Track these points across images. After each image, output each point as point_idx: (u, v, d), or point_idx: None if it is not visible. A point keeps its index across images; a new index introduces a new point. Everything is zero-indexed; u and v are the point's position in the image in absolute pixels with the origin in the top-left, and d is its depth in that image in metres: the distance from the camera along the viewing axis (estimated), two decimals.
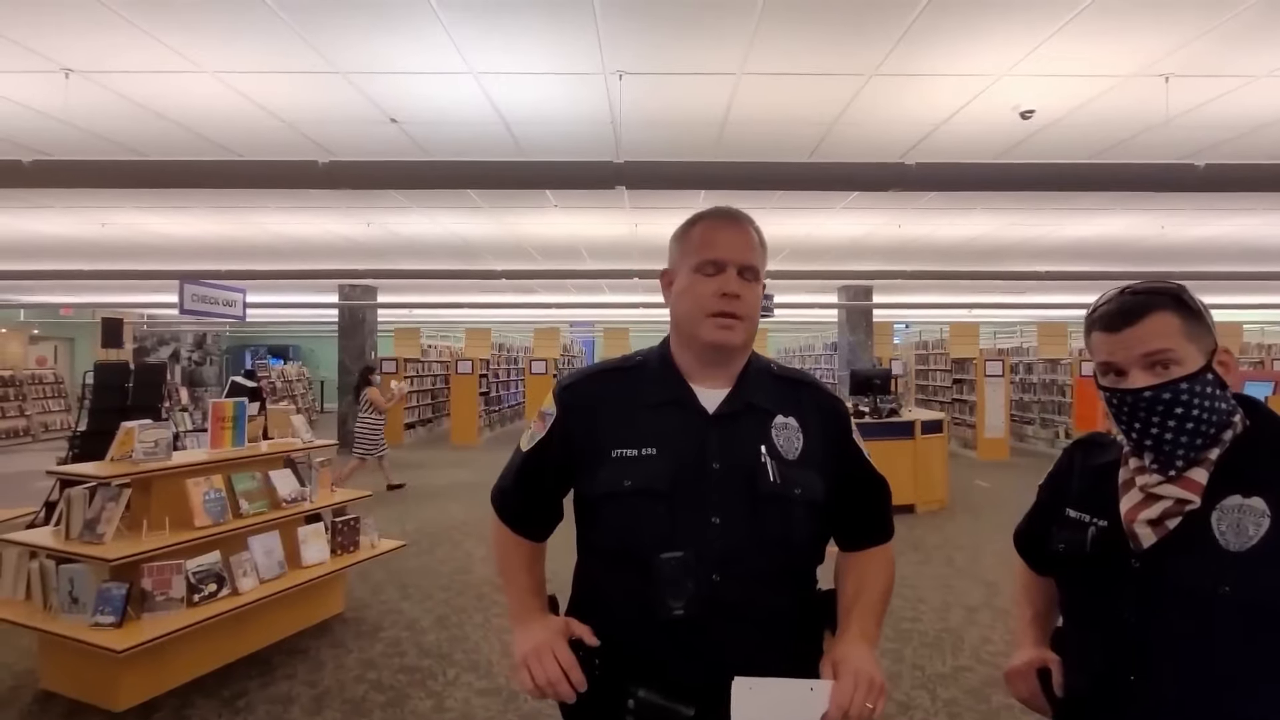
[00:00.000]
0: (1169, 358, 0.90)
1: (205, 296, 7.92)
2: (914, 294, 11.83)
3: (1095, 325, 0.97)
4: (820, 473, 1.07)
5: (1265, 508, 0.86)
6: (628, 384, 1.11)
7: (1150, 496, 0.94)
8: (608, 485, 1.02)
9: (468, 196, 5.59)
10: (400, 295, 12.02)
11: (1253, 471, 0.90)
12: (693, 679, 0.98)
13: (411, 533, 5.76)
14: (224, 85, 3.42)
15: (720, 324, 1.03)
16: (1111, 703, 0.95)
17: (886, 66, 3.19)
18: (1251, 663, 0.86)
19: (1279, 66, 3.15)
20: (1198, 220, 6.39)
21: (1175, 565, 0.90)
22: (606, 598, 1.06)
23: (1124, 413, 0.93)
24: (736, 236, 1.06)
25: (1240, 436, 0.93)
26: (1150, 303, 0.92)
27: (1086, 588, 1.01)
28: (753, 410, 1.07)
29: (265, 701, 2.98)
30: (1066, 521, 1.04)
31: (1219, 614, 0.86)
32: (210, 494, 3.30)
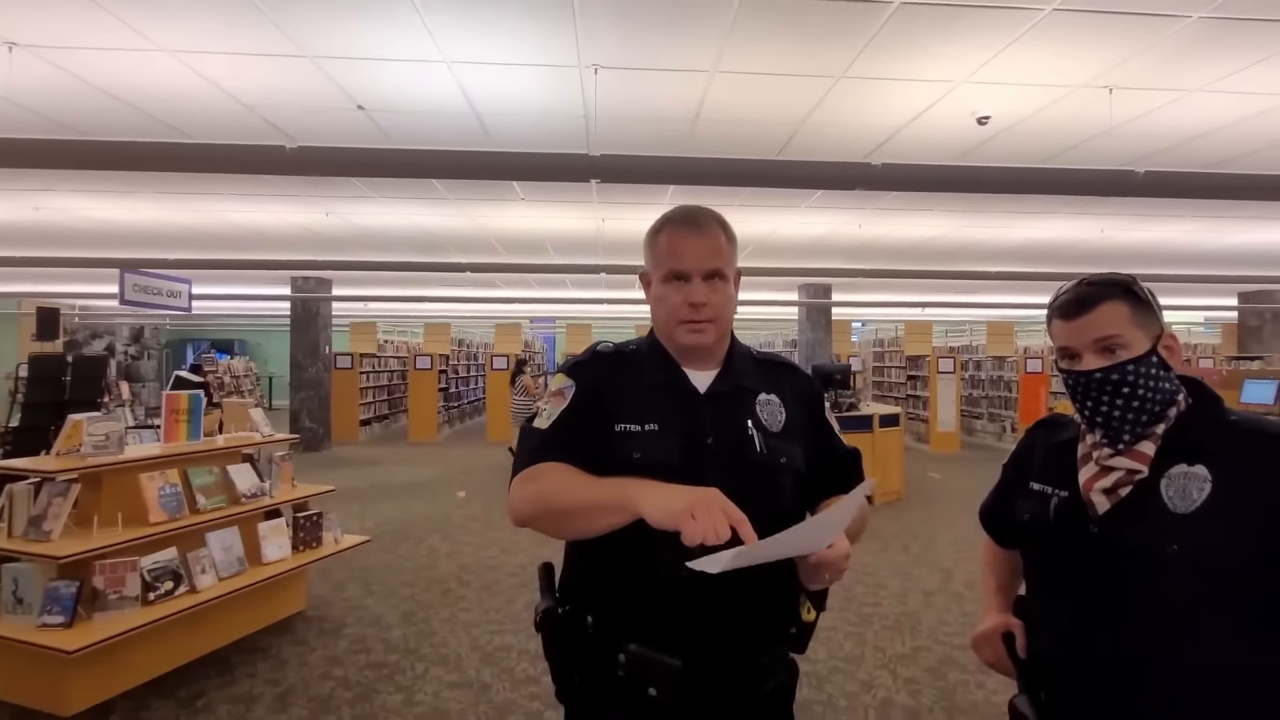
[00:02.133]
0: (1117, 342, 1.00)
1: (148, 287, 7.55)
2: (872, 292, 12.17)
3: (1055, 313, 1.07)
4: (802, 443, 1.16)
5: (1207, 474, 0.95)
6: (627, 366, 1.17)
7: (1104, 468, 1.03)
8: (615, 458, 1.06)
9: (432, 187, 5.50)
10: (356, 288, 11.71)
11: (1195, 443, 0.98)
12: (684, 638, 1.04)
13: (372, 529, 5.64)
14: (183, 66, 3.28)
15: (691, 329, 1.10)
16: (1076, 661, 1.03)
17: (854, 70, 3.29)
18: (1202, 614, 0.93)
19: (1211, 82, 3.38)
20: (1134, 225, 6.78)
21: (1129, 529, 0.99)
22: (606, 564, 1.09)
23: (1078, 392, 1.03)
24: (699, 244, 1.10)
25: (1184, 412, 1.02)
26: (1102, 293, 1.02)
27: (1050, 555, 1.09)
28: (740, 390, 1.15)
29: (226, 701, 2.90)
30: (1030, 494, 1.12)
31: (1170, 571, 0.94)
32: (165, 489, 3.18)
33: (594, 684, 1.08)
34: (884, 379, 13.45)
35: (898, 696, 3.00)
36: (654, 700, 1.02)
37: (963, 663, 3.31)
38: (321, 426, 10.74)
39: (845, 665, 3.29)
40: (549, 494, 1.04)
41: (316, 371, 10.75)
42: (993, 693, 3.01)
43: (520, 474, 1.10)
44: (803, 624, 1.13)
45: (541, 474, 1.07)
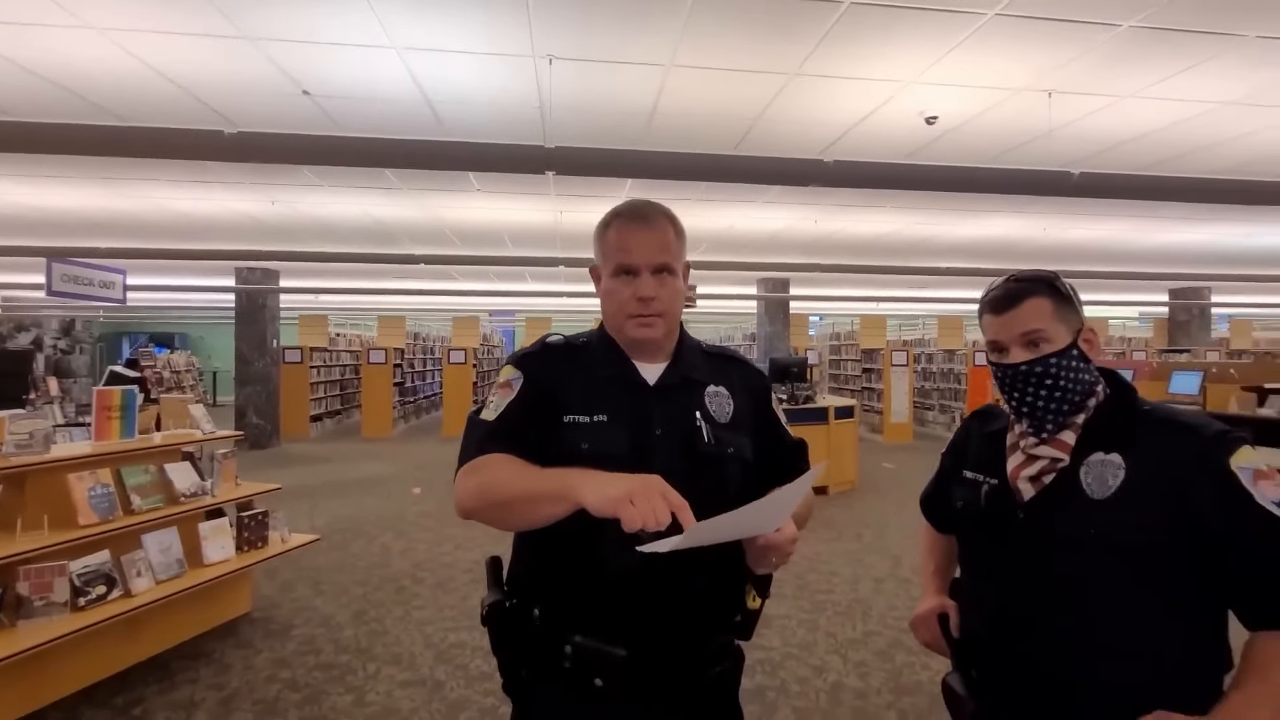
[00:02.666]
0: (1041, 336, 1.04)
1: (77, 277, 7.15)
2: (828, 287, 12.41)
3: (985, 308, 1.11)
4: (748, 435, 1.18)
5: (1121, 461, 1.00)
6: (577, 358, 1.17)
7: (1030, 457, 1.08)
8: (563, 449, 1.06)
9: (383, 176, 5.35)
10: (305, 280, 11.34)
11: (1112, 432, 1.04)
12: (629, 628, 1.05)
13: (322, 528, 5.50)
14: (113, 45, 3.10)
15: (640, 323, 1.11)
16: (1004, 640, 1.08)
17: (807, 68, 3.34)
18: (1118, 594, 0.98)
19: (1142, 88, 3.54)
20: (1073, 224, 7.08)
21: (1051, 515, 1.03)
22: (553, 556, 1.09)
23: (1005, 384, 1.08)
24: (648, 238, 1.11)
25: (1102, 403, 1.07)
26: (1028, 289, 1.07)
27: (981, 540, 1.14)
28: (689, 382, 1.16)
29: (165, 708, 2.79)
30: (964, 482, 1.18)
31: (1088, 554, 0.99)
32: (96, 489, 3.03)
33: (541, 676, 1.09)
34: (840, 371, 13.75)
35: (848, 679, 3.08)
36: (600, 690, 1.03)
37: (910, 645, 3.42)
38: (269, 423, 10.39)
39: (798, 651, 3.37)
40: (492, 485, 1.03)
41: (264, 366, 10.38)
42: (937, 673, 3.10)
43: (465, 466, 1.09)
44: (748, 611, 1.15)
45: (485, 465, 1.06)
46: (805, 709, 2.83)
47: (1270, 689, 0.90)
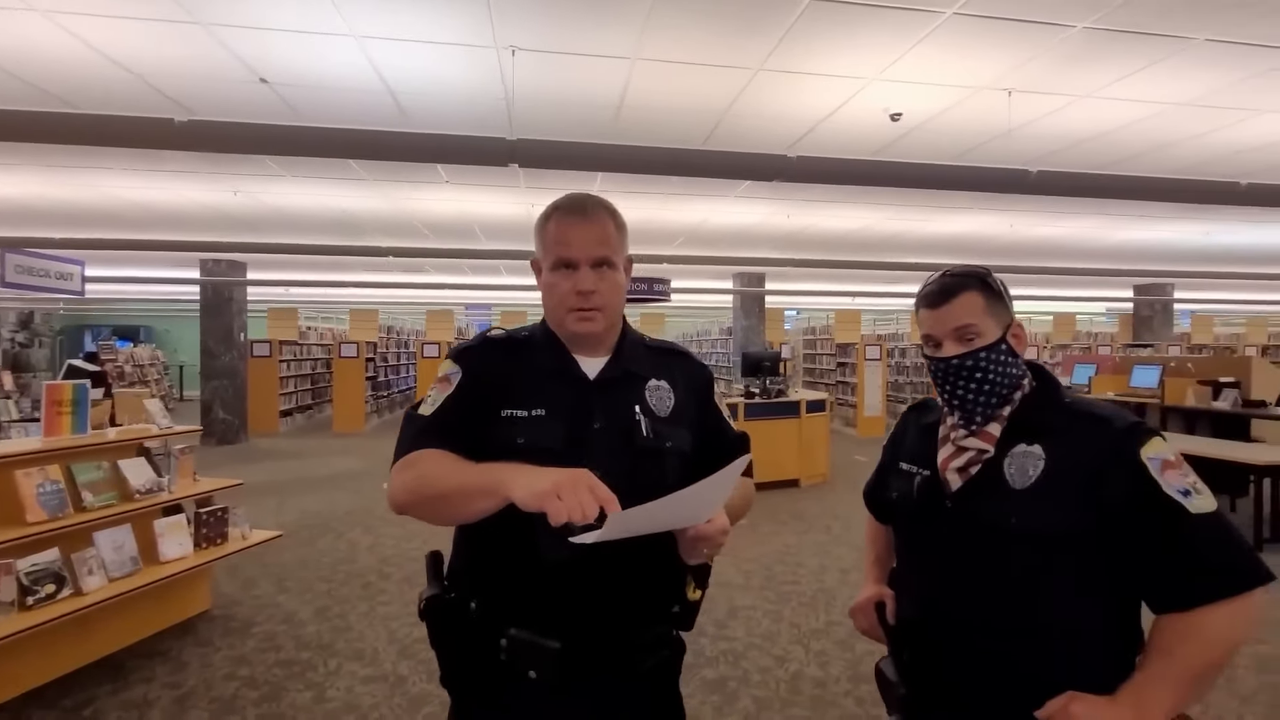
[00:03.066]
0: (973, 331, 1.07)
1: (32, 268, 6.94)
2: (804, 282, 12.51)
3: (921, 303, 1.13)
4: (689, 428, 1.19)
5: (1042, 452, 1.03)
6: (517, 352, 1.17)
7: (959, 448, 1.11)
8: (499, 443, 1.06)
9: (348, 166, 5.26)
10: (273, 272, 11.12)
11: (1035, 424, 1.07)
12: (564, 620, 1.05)
13: (290, 524, 5.42)
14: (58, 27, 3.00)
15: (580, 317, 1.11)
16: (933, 626, 1.11)
17: (771, 63, 3.35)
18: (1038, 580, 1.01)
19: (1099, 88, 3.62)
20: (1039, 222, 7.22)
21: (976, 504, 1.07)
22: (492, 548, 1.09)
23: (938, 377, 1.11)
24: (587, 232, 1.11)
25: (1027, 396, 1.10)
26: (961, 284, 1.09)
27: (914, 529, 1.18)
28: (629, 376, 1.17)
29: (117, 708, 2.73)
30: (900, 473, 1.21)
31: (1010, 542, 1.02)
32: (45, 486, 2.95)
33: (479, 669, 1.09)
34: (815, 365, 13.88)
35: (808, 669, 3.12)
36: (535, 682, 1.04)
37: None
38: (237, 418, 10.19)
39: (761, 642, 3.41)
40: (424, 480, 1.03)
41: (230, 360, 10.17)
42: None
43: (399, 462, 1.08)
44: (687, 603, 1.15)
45: (418, 460, 1.06)
46: (765, 698, 2.86)
47: (1172, 668, 0.94)
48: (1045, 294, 13.47)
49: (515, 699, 1.07)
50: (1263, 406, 6.11)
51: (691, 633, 1.34)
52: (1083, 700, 0.94)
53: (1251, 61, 3.26)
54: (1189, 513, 0.94)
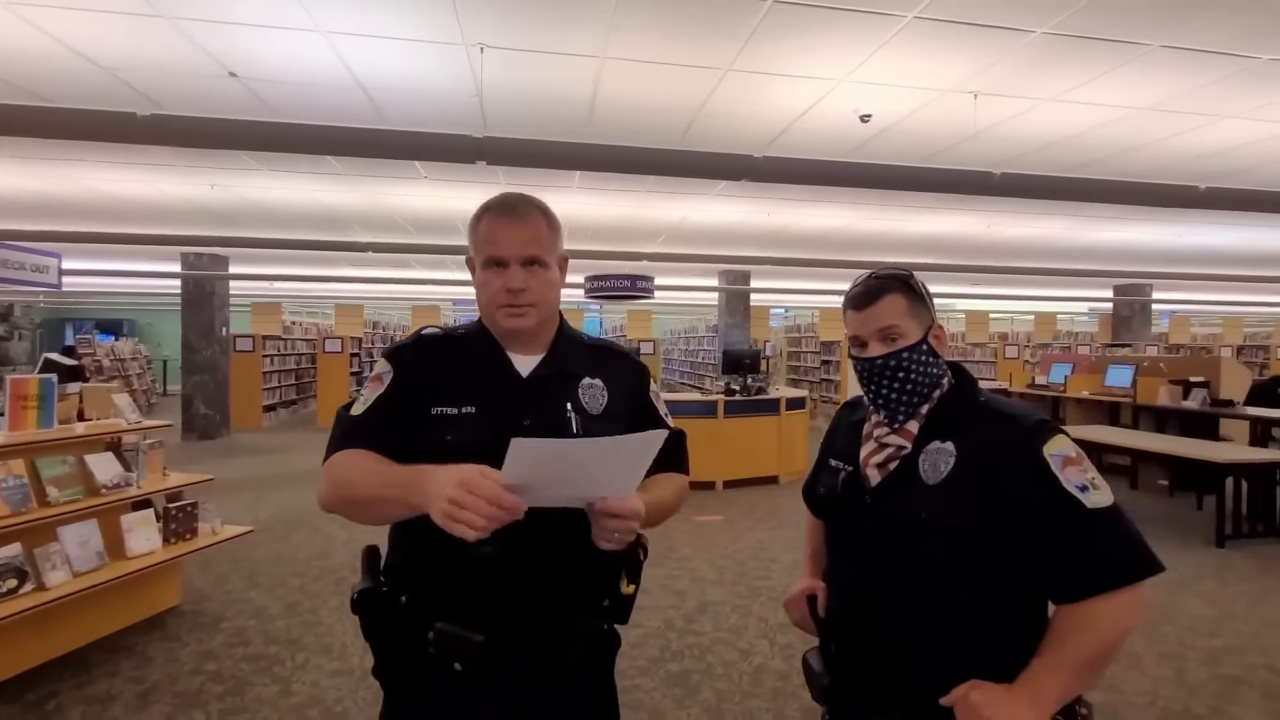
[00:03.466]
0: (897, 332, 1.11)
1: (7, 260, 6.84)
2: (788, 280, 12.57)
3: (848, 304, 1.16)
4: (621, 425, 1.18)
5: (954, 448, 1.07)
6: (451, 351, 1.18)
7: (880, 445, 1.14)
8: (429, 440, 1.08)
9: (326, 162, 5.25)
10: (256, 266, 11.05)
11: (949, 421, 1.11)
12: (490, 613, 1.07)
13: (265, 520, 5.41)
14: (19, 19, 2.98)
15: (510, 313, 1.13)
16: (853, 616, 1.15)
17: (740, 64, 3.38)
18: (943, 572, 1.05)
19: (1062, 93, 3.67)
20: (1016, 222, 7.30)
21: (893, 499, 1.10)
22: (423, 543, 1.10)
23: (864, 376, 1.14)
24: (517, 232, 1.13)
25: (945, 394, 1.14)
26: (885, 286, 1.12)
27: (838, 523, 1.21)
28: (563, 374, 1.18)
29: (79, 702, 2.74)
30: (828, 469, 1.24)
31: (921, 535, 1.05)
32: (9, 481, 2.94)
33: (409, 661, 1.11)
34: (800, 363, 13.96)
35: (772, 662, 3.17)
36: (461, 674, 1.06)
37: None
38: (218, 413, 10.13)
39: (728, 636, 3.45)
40: (346, 484, 1.05)
41: (212, 354, 10.11)
42: None
43: (326, 462, 1.10)
44: (620, 596, 1.18)
45: (341, 463, 1.08)
46: (727, 690, 2.90)
47: (1065, 656, 0.98)
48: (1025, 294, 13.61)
49: (443, 691, 1.09)
50: (1230, 406, 6.23)
51: (659, 626, 1.37)
52: (981, 688, 0.98)
53: (1207, 68, 3.33)
54: (1085, 507, 0.98)
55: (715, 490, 6.81)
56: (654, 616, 3.55)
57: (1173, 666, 3.07)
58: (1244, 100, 3.69)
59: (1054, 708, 0.97)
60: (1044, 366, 8.42)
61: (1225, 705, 2.75)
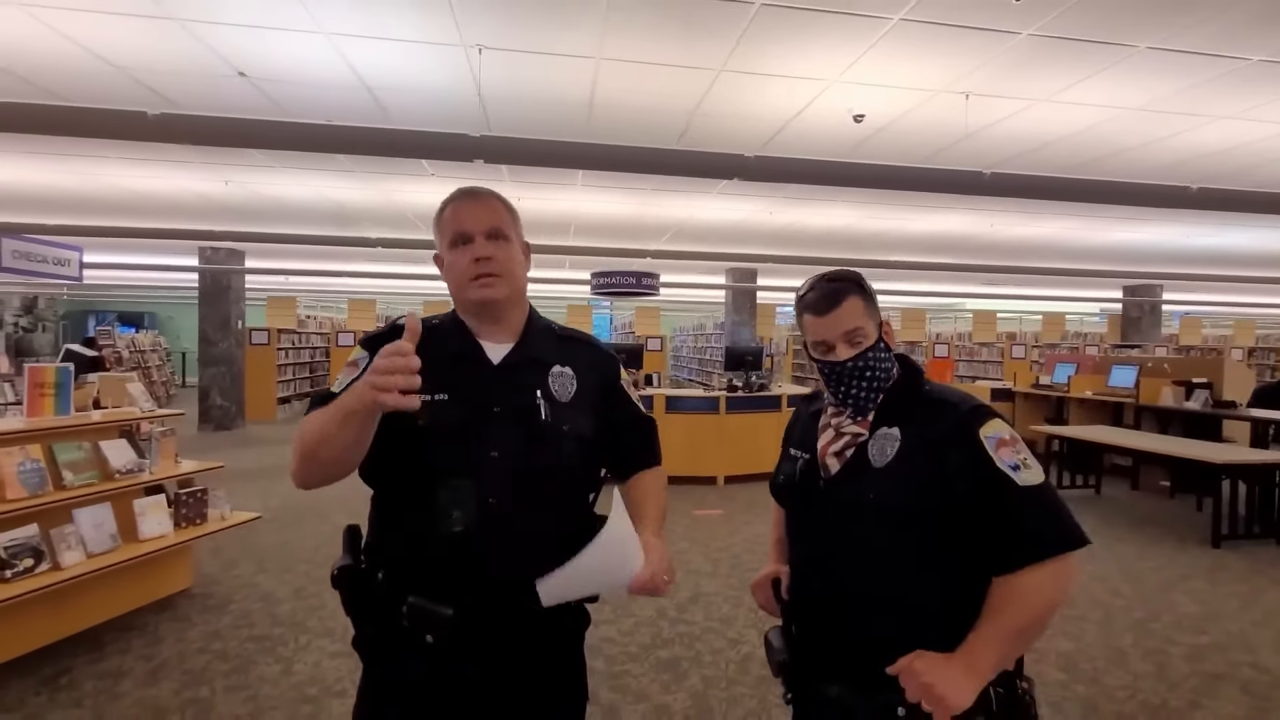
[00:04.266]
0: (860, 335, 1.16)
1: (30, 253, 7.06)
2: (795, 279, 12.56)
3: (807, 309, 1.19)
4: (591, 412, 1.25)
5: (898, 434, 1.13)
6: (426, 339, 1.19)
7: (838, 434, 1.19)
8: (402, 424, 1.10)
9: (336, 159, 5.37)
10: (270, 261, 11.25)
11: (896, 409, 1.17)
12: (460, 588, 1.12)
13: (275, 509, 5.56)
14: (36, 21, 3.11)
15: (481, 284, 1.18)
16: (807, 596, 1.21)
17: (732, 64, 3.44)
18: (887, 551, 1.11)
19: (1053, 94, 3.69)
20: (1019, 222, 7.28)
21: (845, 483, 1.16)
22: (398, 521, 1.17)
23: (833, 379, 1.18)
24: (478, 209, 1.20)
25: (894, 384, 1.19)
26: (844, 289, 1.17)
27: (796, 509, 1.27)
28: (533, 362, 1.23)
29: (92, 677, 2.87)
30: (788, 458, 1.29)
31: (866, 516, 1.11)
32: (26, 464, 3.08)
33: (383, 634, 1.16)
34: (805, 360, 13.96)
35: (759, 652, 3.23)
36: (432, 646, 1.11)
37: None
38: (234, 404, 10.35)
39: (718, 625, 3.52)
40: (301, 438, 1.09)
41: (228, 347, 10.32)
42: None
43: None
44: None
45: (300, 428, 1.12)
46: (713, 677, 2.98)
47: (1000, 625, 1.03)
48: (1034, 293, 13.49)
49: (416, 663, 1.14)
50: (1232, 407, 6.19)
51: (651, 615, 1.45)
52: (924, 658, 1.03)
53: (1195, 69, 3.33)
54: (1017, 485, 1.05)
55: (716, 485, 6.87)
56: (647, 605, 3.62)
57: (1155, 662, 3.11)
58: (1235, 101, 3.69)
59: (990, 674, 1.02)
60: (1048, 366, 8.39)
61: (1204, 700, 2.79)
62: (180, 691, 2.77)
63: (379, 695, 1.19)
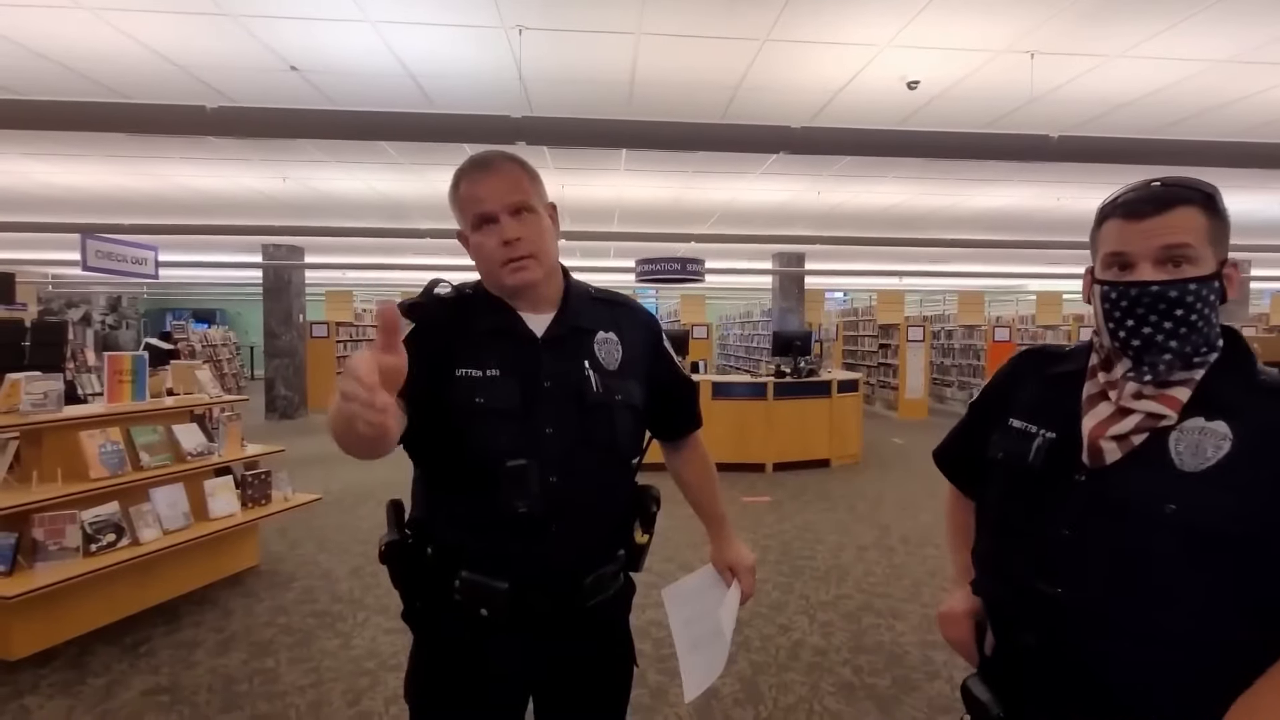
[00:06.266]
0: (1186, 254, 0.84)
1: (111, 253, 7.52)
2: (845, 261, 12.24)
3: (1114, 213, 0.89)
4: (637, 379, 1.21)
5: (1228, 432, 0.82)
6: (462, 310, 1.16)
7: (1122, 410, 0.88)
8: (458, 402, 1.09)
9: (384, 151, 5.49)
10: (328, 256, 11.66)
11: (1221, 397, 0.85)
12: (514, 562, 1.10)
13: (335, 492, 5.78)
14: (105, 23, 3.26)
15: (514, 268, 1.10)
16: (1033, 614, 0.91)
17: (777, 33, 3.32)
18: (1185, 582, 0.82)
19: (1129, 48, 3.42)
20: (1088, 193, 6.85)
21: (1123, 481, 0.86)
22: (453, 502, 1.14)
23: (1121, 307, 0.87)
24: (497, 182, 1.10)
25: (1217, 363, 0.88)
26: (1181, 195, 0.86)
27: (1019, 499, 0.95)
28: (577, 331, 1.17)
29: (169, 647, 3.04)
30: (1009, 431, 0.98)
31: (1160, 531, 0.82)
32: (107, 446, 3.27)
33: (434, 607, 1.15)
34: (856, 347, 13.60)
35: (810, 638, 3.17)
36: (486, 620, 1.11)
37: (879, 608, 3.49)
38: (297, 394, 10.81)
39: (768, 611, 3.46)
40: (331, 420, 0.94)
41: (290, 340, 10.78)
42: (900, 635, 3.19)
43: None
44: (634, 545, 1.24)
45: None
46: (762, 663, 2.93)
47: None
48: None
49: (468, 636, 1.13)
50: None
51: None
52: None
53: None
54: None
55: (765, 472, 6.77)
56: None
57: None
58: None
59: None
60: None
61: None
62: (249, 662, 2.90)
63: (431, 665, 1.19)
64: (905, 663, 2.93)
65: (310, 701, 2.60)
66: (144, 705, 2.57)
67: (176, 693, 2.65)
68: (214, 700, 2.60)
